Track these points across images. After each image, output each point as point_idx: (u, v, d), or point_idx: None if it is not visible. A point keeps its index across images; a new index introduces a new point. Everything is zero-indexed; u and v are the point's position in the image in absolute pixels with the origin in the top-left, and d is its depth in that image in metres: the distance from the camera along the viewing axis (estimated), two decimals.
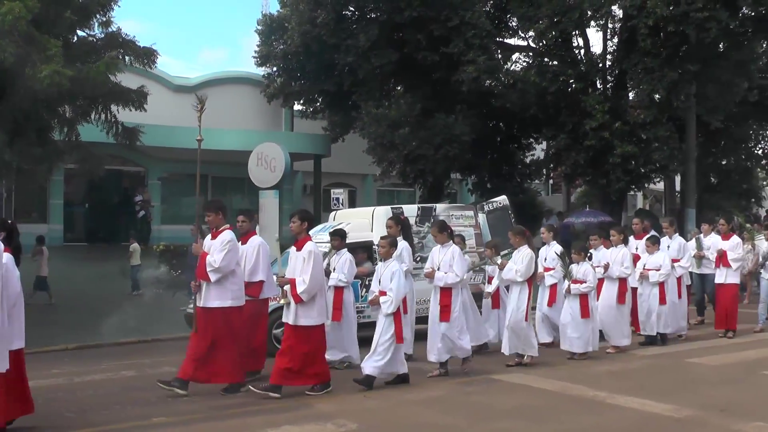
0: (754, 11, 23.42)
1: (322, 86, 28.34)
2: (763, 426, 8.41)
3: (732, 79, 25.22)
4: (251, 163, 21.81)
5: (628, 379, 11.06)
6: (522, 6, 25.83)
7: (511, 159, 30.43)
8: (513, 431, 8.34)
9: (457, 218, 15.11)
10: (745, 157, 33.53)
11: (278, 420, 8.57)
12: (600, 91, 26.60)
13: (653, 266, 13.68)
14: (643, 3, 22.56)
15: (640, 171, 26.13)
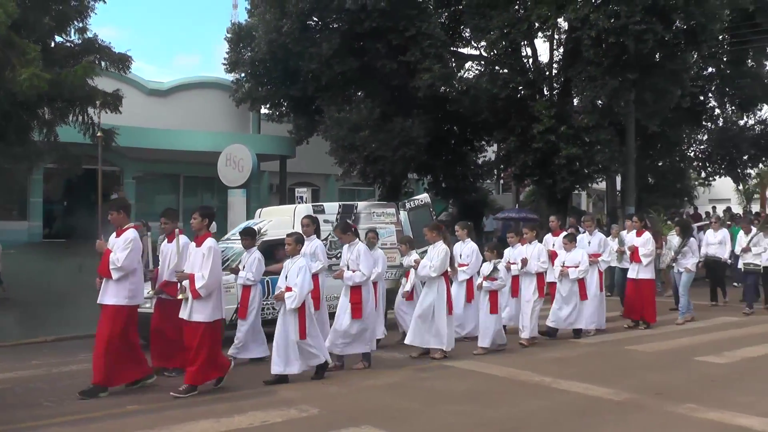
0: (686, 24, 23.66)
1: (288, 91, 28.23)
2: (695, 407, 8.52)
3: (667, 86, 25.44)
4: (220, 163, 21.72)
5: (572, 365, 11.14)
6: (474, 18, 25.92)
7: (465, 160, 30.52)
8: (466, 414, 8.35)
9: (378, 215, 14.84)
10: (679, 159, 33.86)
11: (245, 407, 8.53)
12: (547, 98, 26.72)
13: (572, 263, 13.41)
14: (586, 16, 22.69)
15: (584, 171, 26.27)
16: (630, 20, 22.05)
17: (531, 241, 13.02)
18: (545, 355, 12.03)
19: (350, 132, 25.73)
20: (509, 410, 8.55)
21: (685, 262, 15.65)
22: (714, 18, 23.33)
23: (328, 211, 14.10)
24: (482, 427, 7.84)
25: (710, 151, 34.22)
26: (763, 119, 33.55)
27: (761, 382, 10.00)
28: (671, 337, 13.72)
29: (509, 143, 27.07)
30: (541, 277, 12.88)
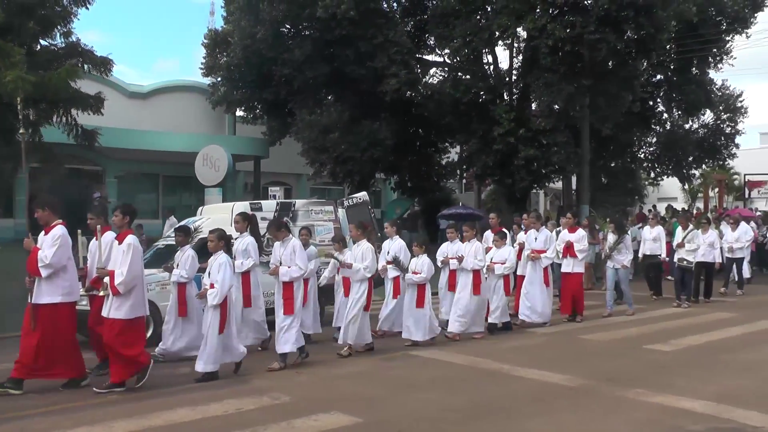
0: (637, 35, 23.88)
1: (262, 95, 28.19)
2: (643, 392, 8.60)
3: (619, 92, 25.66)
4: (198, 163, 21.62)
5: (529, 354, 11.18)
6: (438, 27, 26.02)
7: (429, 161, 30.64)
8: (429, 400, 8.36)
9: (316, 213, 14.38)
10: (630, 160, 34.18)
11: (221, 395, 8.47)
12: (507, 102, 26.88)
13: (499, 260, 12.99)
14: (543, 26, 22.85)
15: (542, 172, 26.45)
16: (585, 30, 22.26)
17: (470, 239, 12.66)
18: (504, 344, 12.05)
19: (321, 134, 25.76)
20: (470, 396, 8.56)
21: (621, 258, 15.32)
22: (662, 29, 23.56)
23: (265, 209, 13.59)
24: (445, 412, 7.85)
25: (658, 153, 34.57)
26: (706, 123, 33.98)
27: (703, 368, 10.10)
28: (621, 327, 13.78)
29: (471, 145, 27.25)
30: (477, 274, 12.39)
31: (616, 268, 15.36)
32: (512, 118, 25.11)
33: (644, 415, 7.70)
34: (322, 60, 25.81)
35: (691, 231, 16.60)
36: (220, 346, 9.39)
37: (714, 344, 12.03)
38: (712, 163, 36.64)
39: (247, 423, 7.32)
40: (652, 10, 22.85)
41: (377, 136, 25.86)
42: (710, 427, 7.30)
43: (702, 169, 38.65)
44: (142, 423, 7.40)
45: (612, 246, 15.51)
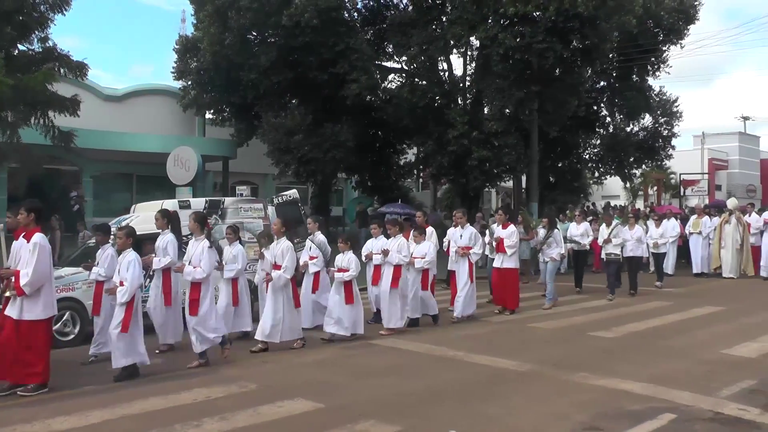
0: (582, 44, 24.11)
1: (230, 98, 28.02)
2: (587, 375, 8.70)
3: (566, 98, 25.90)
4: (169, 163, 21.42)
5: (481, 341, 11.25)
6: (396, 35, 26.11)
7: (388, 161, 30.68)
8: (388, 386, 8.38)
9: (245, 211, 13.71)
10: (576, 160, 34.44)
11: (191, 384, 8.43)
12: (461, 106, 26.97)
13: (419, 254, 12.57)
14: (495, 35, 22.97)
15: (493, 171, 26.58)
16: (533, 40, 22.43)
17: (395, 235, 12.20)
18: (458, 332, 12.10)
19: (285, 136, 25.70)
20: (426, 381, 8.60)
21: (551, 252, 15.21)
22: (605, 39, 23.85)
23: (194, 206, 12.78)
24: (402, 396, 7.87)
25: (602, 154, 34.87)
26: (645, 127, 34.36)
27: (643, 353, 10.24)
28: (567, 315, 13.90)
29: (427, 146, 27.31)
30: (397, 269, 11.95)
31: (546, 261, 15.31)
32: (466, 121, 25.21)
33: (588, 397, 7.80)
34: (286, 66, 25.72)
35: (615, 227, 16.47)
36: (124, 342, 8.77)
37: (652, 331, 12.19)
38: (650, 164, 37.09)
39: (216, 410, 7.28)
40: (595, 22, 23.08)
41: (339, 138, 25.84)
42: (647, 406, 7.42)
43: (642, 169, 39.12)
44: (117, 412, 7.35)
45: (542, 240, 15.43)
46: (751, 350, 10.41)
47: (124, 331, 8.73)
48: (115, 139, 28.34)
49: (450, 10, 24.90)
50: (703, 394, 7.90)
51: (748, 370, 9.14)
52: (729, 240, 20.42)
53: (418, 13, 26.15)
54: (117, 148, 28.29)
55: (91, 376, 9.05)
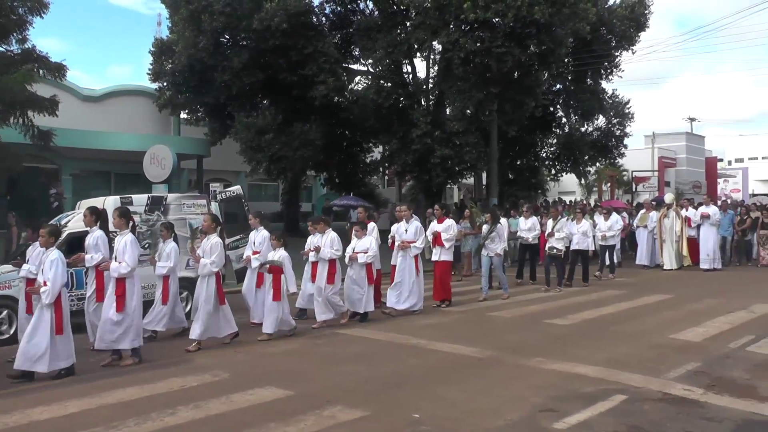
0: (539, 49, 24.23)
1: (203, 99, 27.76)
2: (543, 360, 8.76)
3: (523, 99, 26.05)
4: (145, 161, 21.21)
5: (443, 329, 11.26)
6: (363, 39, 26.09)
7: (355, 159, 30.64)
8: (354, 373, 8.36)
9: (189, 207, 13.00)
10: (534, 158, 34.65)
11: (166, 374, 8.35)
12: (424, 107, 27.05)
13: (361, 249, 12.15)
14: (456, 40, 23.02)
15: (455, 169, 26.68)
16: (493, 44, 22.52)
17: (323, 231, 11.85)
18: (421, 321, 12.10)
19: (257, 135, 25.59)
20: (391, 368, 8.59)
21: (494, 247, 14.85)
22: (560, 44, 24.00)
23: (136, 203, 12.26)
24: (368, 382, 7.86)
25: (558, 153, 35.11)
26: (599, 127, 34.65)
27: (595, 338, 10.33)
28: (525, 305, 14.01)
29: (392, 145, 27.40)
30: (332, 264, 11.63)
31: (490, 255, 14.93)
32: (429, 121, 25.32)
33: (543, 380, 7.84)
34: (257, 67, 25.57)
35: (559, 221, 16.31)
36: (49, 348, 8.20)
37: (605, 318, 12.30)
38: (604, 161, 37.50)
39: (190, 398, 7.22)
40: (551, 28, 23.23)
41: (308, 137, 25.78)
42: (599, 388, 7.48)
43: (596, 167, 39.49)
44: (95, 401, 7.26)
45: (485, 235, 15.10)
46: (696, 335, 10.57)
47: (59, 333, 8.30)
48: (93, 138, 27.99)
49: (413, 16, 24.90)
50: (652, 376, 7.99)
51: (694, 353, 9.27)
52: (668, 233, 20.67)
53: (383, 19, 26.17)
54: (95, 147, 27.95)
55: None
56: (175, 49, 26.74)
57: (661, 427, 6.28)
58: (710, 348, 9.65)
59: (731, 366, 8.59)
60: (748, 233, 22.10)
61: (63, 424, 6.53)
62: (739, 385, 7.69)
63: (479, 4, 22.20)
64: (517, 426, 6.31)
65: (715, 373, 8.23)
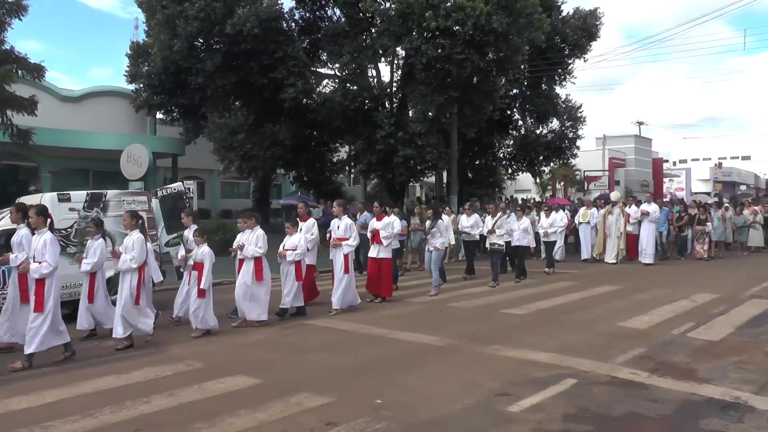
0: (496, 56, 24.37)
1: (178, 100, 27.49)
2: (499, 348, 8.81)
3: (482, 103, 26.19)
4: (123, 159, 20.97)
5: (405, 320, 11.26)
6: (330, 45, 26.07)
7: (322, 158, 30.57)
8: (320, 361, 8.34)
9: (129, 203, 12.15)
10: (492, 158, 34.85)
11: (141, 363, 8.26)
12: (388, 109, 27.06)
13: (290, 247, 11.62)
14: (419, 46, 23.08)
15: (417, 168, 26.75)
16: (453, 51, 22.62)
17: (252, 227, 11.12)
18: (384, 312, 12.11)
19: (229, 135, 25.50)
20: (355, 356, 8.59)
21: (434, 241, 14.55)
22: (517, 52, 24.18)
23: (74, 199, 11.69)
24: (333, 370, 7.84)
25: (515, 153, 35.35)
26: (553, 129, 34.95)
27: (548, 327, 10.41)
28: (483, 296, 14.06)
29: (358, 145, 27.39)
30: (258, 261, 10.89)
31: (430, 250, 14.67)
32: (392, 122, 25.36)
33: (499, 367, 7.89)
34: (230, 70, 25.37)
35: (499, 218, 15.89)
36: None
37: (557, 307, 12.40)
38: (558, 162, 37.82)
39: (164, 387, 7.15)
40: (508, 37, 23.38)
41: (278, 137, 25.70)
42: (552, 373, 7.55)
43: (550, 167, 39.81)
44: (72, 391, 7.15)
45: (427, 230, 14.81)
46: (642, 322, 10.72)
47: None
48: (71, 137, 27.65)
49: (378, 23, 24.89)
50: (601, 361, 8.09)
51: (640, 339, 9.40)
52: (612, 229, 20.69)
53: (349, 25, 26.12)
54: (74, 146, 27.62)
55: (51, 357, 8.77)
56: (151, 52, 26.49)
57: (608, 408, 6.36)
58: (655, 334, 9.79)
59: (673, 351, 8.73)
60: (685, 229, 22.33)
61: (40, 413, 6.41)
62: (680, 369, 7.82)
63: (440, 12, 22.29)
64: (473, 409, 6.34)
65: (659, 357, 8.36)
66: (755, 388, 7.01)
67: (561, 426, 5.87)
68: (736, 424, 5.96)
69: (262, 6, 23.97)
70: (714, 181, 77.61)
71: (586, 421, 6.00)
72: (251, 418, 6.09)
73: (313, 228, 12.66)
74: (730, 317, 11.26)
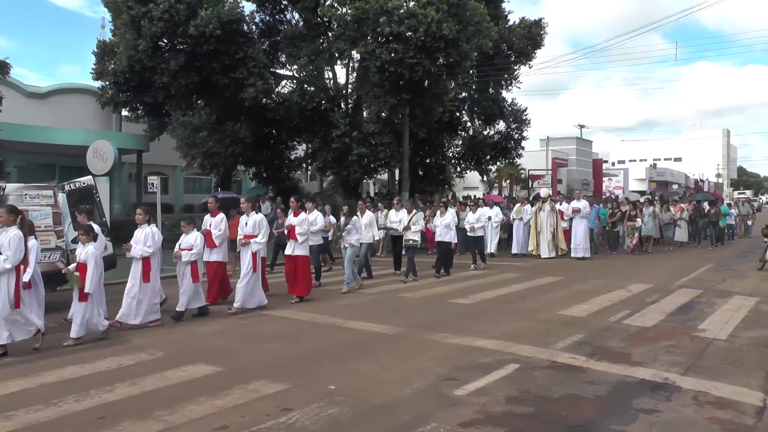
0: (446, 61, 24.40)
1: (143, 98, 26.86)
2: (446, 335, 8.89)
3: (432, 105, 26.24)
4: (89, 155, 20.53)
5: (358, 310, 11.30)
6: (289, 47, 25.80)
7: (281, 156, 30.27)
8: (277, 349, 8.31)
9: (32, 198, 11.14)
10: (441, 157, 34.91)
11: (105, 353, 8.11)
12: (343, 110, 26.92)
13: (186, 246, 10.62)
14: (373, 50, 23.00)
15: (371, 166, 26.70)
16: (405, 56, 22.61)
17: (142, 224, 10.14)
18: (338, 303, 12.12)
19: (192, 132, 25.11)
20: (310, 345, 8.57)
21: (349, 238, 13.95)
22: (466, 57, 24.24)
23: None
24: (289, 358, 7.82)
25: (463, 153, 35.46)
26: (500, 131, 35.17)
27: (493, 315, 10.55)
28: (432, 286, 14.17)
29: (314, 143, 27.22)
30: (146, 262, 9.91)
31: (345, 246, 13.97)
32: (347, 122, 25.26)
33: (446, 353, 7.97)
34: (193, 70, 24.95)
35: (415, 215, 15.38)
36: None
37: (502, 297, 12.57)
38: (504, 161, 38.11)
39: (127, 376, 7.06)
40: (458, 43, 23.44)
41: (238, 135, 25.41)
42: (496, 359, 7.65)
43: (497, 166, 40.15)
44: (35, 380, 7.00)
45: (341, 227, 14.17)
46: (581, 311, 10.95)
47: None
48: (38, 133, 27.02)
49: (335, 28, 24.75)
50: (542, 347, 8.23)
51: (579, 326, 9.60)
52: (544, 225, 20.70)
53: (307, 29, 25.91)
54: (40, 141, 27.00)
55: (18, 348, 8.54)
56: (117, 51, 25.93)
57: (548, 390, 6.48)
58: (593, 322, 10.00)
59: (610, 337, 8.93)
60: (617, 225, 22.71)
61: (3, 402, 6.25)
62: (615, 353, 8.02)
63: (394, 19, 22.28)
64: (421, 393, 6.39)
65: (596, 342, 8.55)
66: (682, 370, 7.25)
67: (504, 408, 5.96)
68: (664, 402, 6.15)
69: (223, 9, 23.65)
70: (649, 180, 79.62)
71: (527, 403, 6.10)
72: (210, 405, 6.05)
73: (221, 224, 11.73)
74: (662, 305, 11.58)
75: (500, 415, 5.78)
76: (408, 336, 9.02)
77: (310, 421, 5.62)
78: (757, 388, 6.64)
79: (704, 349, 8.29)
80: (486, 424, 5.55)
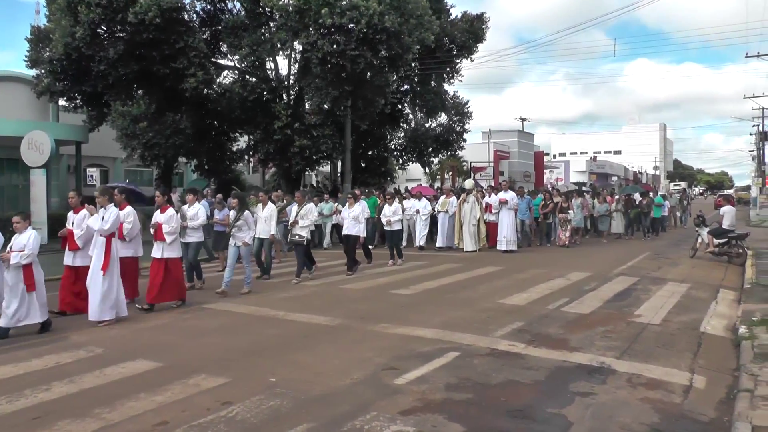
0: (388, 54, 24.48)
1: (81, 87, 26.07)
2: (387, 326, 8.95)
3: (374, 97, 26.29)
4: (23, 146, 19.92)
5: (299, 302, 11.25)
6: (230, 37, 25.45)
7: (222, 147, 29.88)
8: (217, 344, 8.21)
9: None
10: (384, 149, 35.05)
11: (41, 351, 7.87)
12: (285, 101, 26.75)
13: (17, 248, 8.81)
14: (315, 42, 22.90)
15: (313, 158, 26.60)
16: (347, 47, 22.59)
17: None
18: (280, 295, 12.05)
19: (132, 123, 24.51)
20: (251, 338, 8.51)
21: (242, 235, 12.36)
22: (408, 50, 24.35)
23: None
24: (230, 352, 7.75)
25: (405, 145, 35.66)
26: (442, 123, 35.47)
27: (434, 305, 10.67)
28: (374, 277, 14.24)
29: (256, 135, 27.06)
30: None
31: (237, 245, 12.39)
32: (289, 114, 25.14)
33: (387, 343, 8.02)
34: (133, 59, 24.35)
35: (304, 208, 13.99)
36: None
37: (443, 287, 12.71)
38: (446, 153, 38.43)
39: (65, 374, 6.87)
40: (400, 36, 23.53)
41: (179, 125, 24.99)
42: (436, 348, 7.75)
43: (439, 158, 40.45)
44: None
45: (231, 223, 12.59)
46: (521, 299, 11.17)
47: None
48: None
49: (277, 18, 24.52)
50: (482, 335, 8.38)
51: (518, 314, 9.80)
52: (467, 217, 19.85)
53: (249, 19, 25.59)
54: None
55: None
56: (53, 38, 25.03)
57: (487, 377, 6.60)
58: (532, 309, 10.21)
59: (548, 324, 9.15)
60: (550, 216, 22.57)
61: None
62: (553, 339, 8.22)
63: (336, 10, 22.22)
64: (362, 383, 6.43)
65: (535, 330, 8.75)
66: (618, 354, 7.51)
67: (443, 395, 6.04)
68: (600, 385, 6.35)
69: None
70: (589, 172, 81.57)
71: (466, 389, 6.21)
72: (150, 401, 5.96)
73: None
74: (600, 293, 11.92)
75: (440, 402, 5.86)
76: (349, 327, 9.04)
77: (251, 414, 5.59)
78: (685, 368, 6.95)
79: (639, 333, 8.59)
80: (425, 411, 5.62)
